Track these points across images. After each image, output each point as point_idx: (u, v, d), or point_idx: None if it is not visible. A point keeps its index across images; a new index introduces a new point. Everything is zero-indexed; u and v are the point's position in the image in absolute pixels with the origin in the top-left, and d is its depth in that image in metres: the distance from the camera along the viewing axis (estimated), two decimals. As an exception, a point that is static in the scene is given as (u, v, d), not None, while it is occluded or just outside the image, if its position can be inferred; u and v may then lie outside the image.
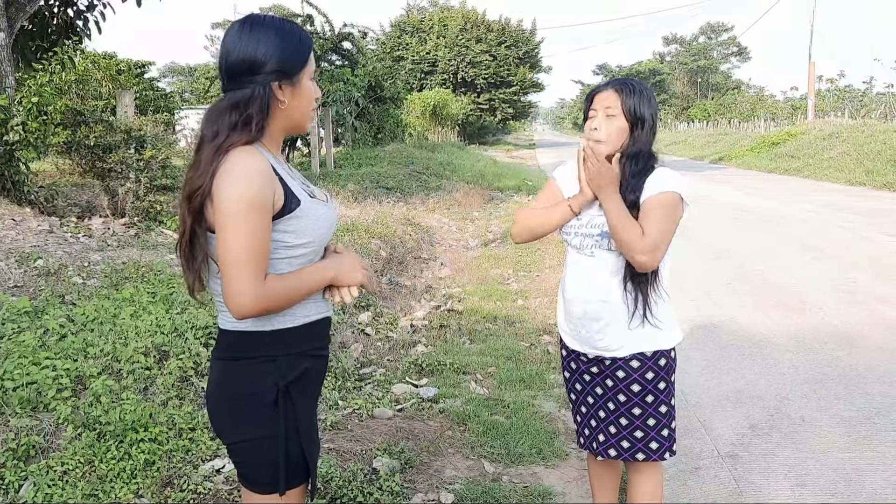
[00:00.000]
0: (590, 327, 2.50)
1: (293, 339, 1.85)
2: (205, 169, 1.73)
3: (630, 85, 2.46)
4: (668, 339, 2.51)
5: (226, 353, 1.86)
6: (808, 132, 29.03)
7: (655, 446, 2.52)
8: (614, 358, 2.49)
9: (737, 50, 77.43)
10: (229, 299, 1.71)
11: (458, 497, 3.37)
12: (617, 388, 2.51)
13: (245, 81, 1.78)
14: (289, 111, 1.85)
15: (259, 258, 1.71)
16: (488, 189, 17.60)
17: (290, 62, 1.82)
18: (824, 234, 10.79)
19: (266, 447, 1.83)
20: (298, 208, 1.81)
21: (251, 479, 1.89)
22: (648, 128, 2.45)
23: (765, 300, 7.00)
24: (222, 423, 1.88)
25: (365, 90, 21.58)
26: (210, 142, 1.76)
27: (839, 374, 5.02)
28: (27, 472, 3.04)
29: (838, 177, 20.25)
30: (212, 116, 1.79)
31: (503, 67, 48.93)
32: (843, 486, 3.50)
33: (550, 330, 6.02)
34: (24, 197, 8.13)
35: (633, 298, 2.43)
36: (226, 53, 1.80)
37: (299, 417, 1.85)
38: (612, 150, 2.43)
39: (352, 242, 7.82)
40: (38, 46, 11.47)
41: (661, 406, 2.51)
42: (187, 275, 1.83)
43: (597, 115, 2.47)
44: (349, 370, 4.84)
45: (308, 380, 1.90)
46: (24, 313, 4.45)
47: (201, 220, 1.76)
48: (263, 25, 1.82)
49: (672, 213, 2.40)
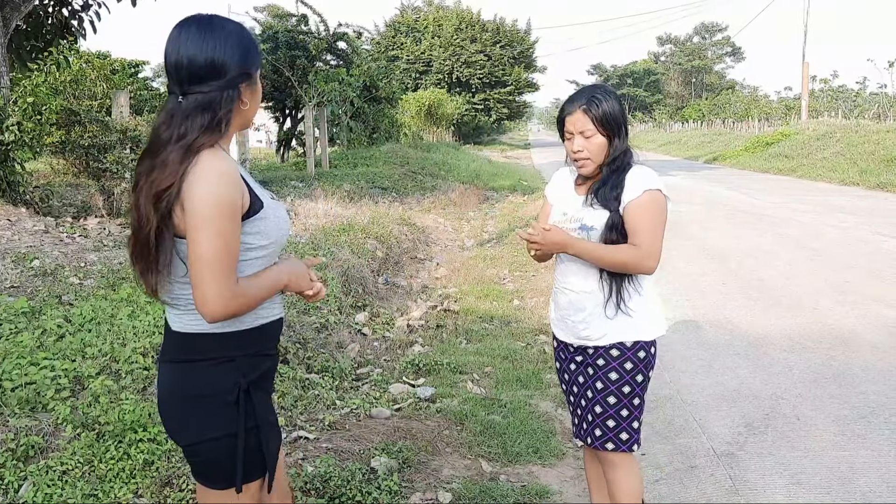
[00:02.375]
0: (574, 317, 2.62)
1: (251, 339, 1.89)
2: (173, 170, 1.73)
3: (595, 99, 2.53)
4: (649, 330, 2.60)
5: (179, 355, 1.87)
6: (801, 132, 29.14)
7: (625, 437, 2.61)
8: (596, 347, 2.60)
9: (731, 50, 77.70)
10: (202, 302, 1.71)
11: (455, 496, 3.38)
12: (596, 375, 2.61)
13: (212, 83, 1.80)
14: (246, 112, 1.89)
15: (231, 261, 1.74)
16: (484, 189, 17.62)
17: (251, 63, 1.86)
18: (819, 233, 10.84)
19: (225, 446, 1.86)
20: (262, 210, 1.85)
21: (209, 477, 1.92)
22: (623, 131, 2.57)
23: (759, 300, 7.04)
24: (179, 425, 1.90)
25: (360, 90, 21.56)
26: (176, 143, 1.75)
27: (834, 373, 5.05)
28: (27, 472, 3.04)
29: (832, 177, 20.33)
30: (176, 118, 1.78)
31: (498, 67, 48.95)
32: (839, 485, 3.53)
33: (546, 330, 6.04)
34: (19, 197, 8.11)
35: (609, 287, 2.55)
36: (188, 56, 1.78)
37: (258, 414, 1.90)
38: (597, 164, 2.57)
39: (348, 242, 7.82)
40: (32, 46, 11.45)
41: (635, 398, 2.60)
42: (149, 276, 1.82)
43: (574, 138, 2.57)
44: (346, 370, 4.85)
45: (265, 377, 1.97)
46: (22, 313, 4.45)
47: (168, 222, 1.75)
48: (223, 28, 1.84)
49: (660, 212, 2.53)
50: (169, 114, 1.80)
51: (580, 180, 2.69)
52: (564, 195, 2.73)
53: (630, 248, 2.48)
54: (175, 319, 1.88)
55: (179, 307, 1.86)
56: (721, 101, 57.22)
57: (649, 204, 2.50)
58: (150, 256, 1.79)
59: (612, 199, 2.52)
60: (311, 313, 5.58)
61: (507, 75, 49.43)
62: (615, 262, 2.50)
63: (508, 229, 11.20)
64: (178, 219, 1.75)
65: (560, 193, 2.76)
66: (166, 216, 1.75)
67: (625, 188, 2.52)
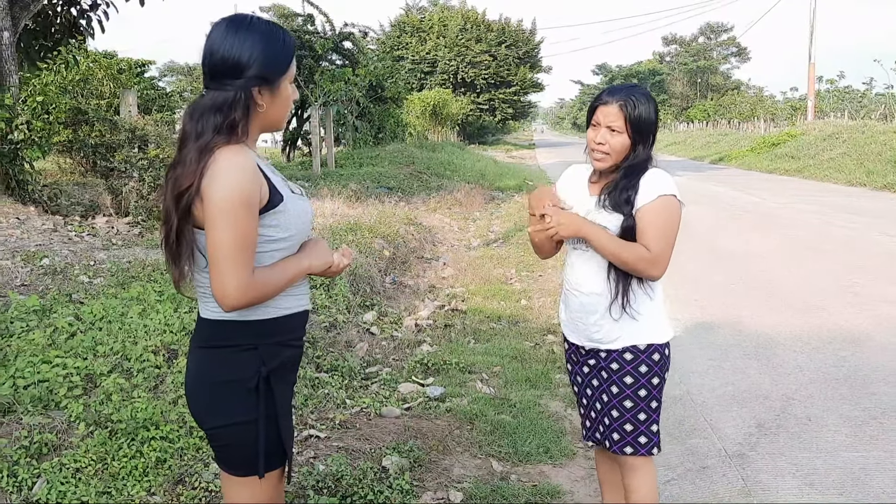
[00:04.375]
0: (586, 320, 2.58)
1: (274, 329, 1.92)
2: (192, 170, 1.79)
3: (634, 99, 2.46)
4: (662, 333, 2.57)
5: (207, 341, 1.93)
6: (808, 133, 29.07)
7: (644, 441, 2.57)
8: (609, 350, 2.56)
9: (736, 50, 77.41)
10: (219, 292, 1.78)
11: (466, 495, 3.38)
12: (610, 379, 2.57)
13: (227, 83, 1.83)
14: (266, 115, 1.90)
15: (247, 252, 1.78)
16: (489, 189, 17.61)
17: (272, 68, 1.86)
18: (826, 234, 10.81)
19: (246, 432, 1.90)
20: (282, 203, 1.88)
21: (231, 463, 1.96)
22: (651, 140, 2.51)
23: (768, 300, 7.02)
24: (202, 408, 1.95)
25: (365, 90, 21.59)
26: (194, 140, 1.81)
27: (844, 374, 5.04)
28: (40, 469, 3.05)
29: (838, 177, 20.28)
30: (195, 114, 1.84)
31: (503, 67, 48.93)
32: (852, 485, 3.52)
33: (554, 330, 6.03)
34: (28, 196, 8.14)
35: (615, 288, 2.50)
36: (210, 51, 1.84)
37: (277, 403, 1.93)
38: (614, 162, 2.50)
39: (355, 242, 7.82)
40: (41, 45, 11.48)
41: (652, 401, 2.56)
42: (173, 270, 1.90)
43: (600, 128, 2.49)
44: (355, 369, 4.85)
45: (286, 368, 1.99)
46: (33, 312, 4.45)
47: (188, 217, 1.82)
48: (250, 28, 1.85)
49: (673, 219, 2.48)
50: (191, 107, 1.87)
51: (594, 177, 2.62)
52: (576, 193, 2.66)
53: (640, 249, 2.43)
54: (203, 307, 1.95)
55: (206, 295, 1.92)
56: (726, 102, 57.15)
57: (662, 210, 2.45)
58: (173, 249, 1.86)
59: (625, 202, 2.46)
60: (319, 312, 5.58)
61: (513, 75, 49.40)
62: (621, 257, 2.44)
63: (515, 229, 11.20)
64: (197, 210, 1.81)
65: (572, 191, 2.68)
66: (186, 212, 1.82)
67: (639, 191, 2.46)
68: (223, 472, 2.00)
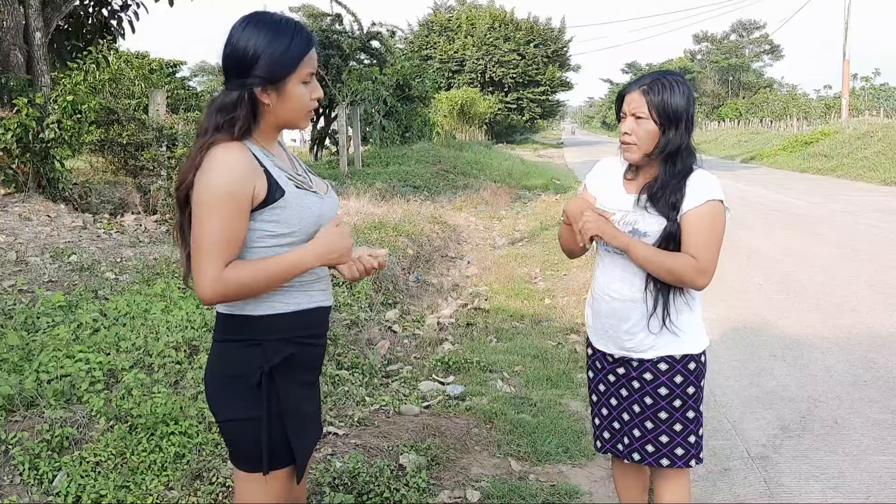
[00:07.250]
0: (618, 327, 2.44)
1: (280, 325, 1.91)
2: (190, 164, 1.83)
3: (659, 83, 2.33)
4: (696, 343, 2.44)
5: (220, 335, 1.95)
6: (841, 131, 28.53)
7: (681, 452, 2.44)
8: (642, 360, 2.42)
9: (769, 48, 76.28)
10: (196, 285, 1.81)
11: (484, 495, 3.36)
12: (644, 390, 2.44)
13: (234, 81, 1.84)
14: (275, 113, 1.89)
15: (221, 247, 1.78)
16: (516, 188, 17.57)
17: (275, 69, 1.83)
18: (858, 234, 10.61)
19: (250, 428, 1.89)
20: (282, 198, 1.86)
21: (237, 456, 1.97)
22: (683, 126, 2.34)
23: (796, 301, 6.90)
24: (213, 400, 1.96)
25: (393, 89, 21.64)
26: (201, 137, 1.86)
27: (873, 376, 4.93)
28: (61, 462, 3.09)
29: (872, 176, 19.90)
30: (208, 111, 1.87)
31: (531, 66, 48.72)
32: (878, 490, 3.43)
33: (577, 329, 5.99)
34: (58, 194, 8.28)
35: (654, 300, 2.36)
36: (223, 49, 1.87)
37: (283, 402, 1.91)
38: (644, 152, 2.35)
39: (380, 240, 7.84)
40: (73, 46, 11.68)
41: (688, 411, 2.42)
42: (183, 263, 1.93)
43: (626, 118, 2.38)
44: (376, 367, 4.85)
45: (295, 365, 1.94)
46: (59, 307, 4.52)
47: (186, 210, 1.86)
48: (258, 26, 1.85)
49: (720, 225, 2.35)
50: (207, 104, 1.91)
51: (630, 174, 2.47)
52: (611, 189, 2.50)
53: (686, 258, 2.28)
54: None
55: None
56: (759, 100, 56.40)
57: (709, 215, 2.31)
58: (180, 242, 1.91)
59: (671, 206, 2.32)
60: (341, 310, 5.60)
61: (541, 74, 49.17)
62: (664, 267, 2.29)
63: (540, 228, 11.15)
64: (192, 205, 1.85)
65: (605, 186, 2.52)
66: (184, 205, 1.86)
67: (685, 195, 2.32)
68: (233, 464, 2.01)
